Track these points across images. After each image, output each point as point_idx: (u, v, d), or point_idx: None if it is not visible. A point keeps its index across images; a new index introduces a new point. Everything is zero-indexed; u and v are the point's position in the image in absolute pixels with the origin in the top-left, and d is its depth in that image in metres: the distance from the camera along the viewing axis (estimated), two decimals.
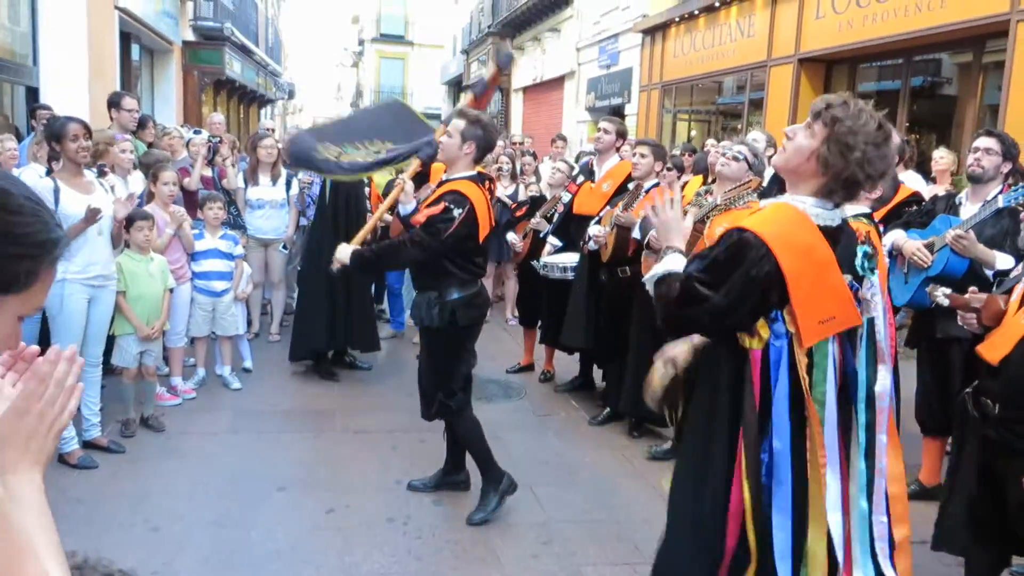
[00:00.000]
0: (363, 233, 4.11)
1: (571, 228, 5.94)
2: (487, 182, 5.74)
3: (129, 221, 4.96)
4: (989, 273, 3.74)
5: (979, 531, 2.87)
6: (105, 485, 4.24)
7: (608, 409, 5.57)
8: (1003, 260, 3.75)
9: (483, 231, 3.89)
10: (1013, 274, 3.09)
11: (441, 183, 3.92)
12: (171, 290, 5.20)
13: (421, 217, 3.77)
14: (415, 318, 4.01)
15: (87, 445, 4.56)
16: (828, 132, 2.17)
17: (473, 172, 3.94)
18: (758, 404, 2.25)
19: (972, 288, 3.03)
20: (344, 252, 3.90)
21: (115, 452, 4.62)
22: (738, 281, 2.16)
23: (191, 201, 6.53)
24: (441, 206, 3.72)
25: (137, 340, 4.92)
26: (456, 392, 4.01)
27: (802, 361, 2.24)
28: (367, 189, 6.40)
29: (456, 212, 3.71)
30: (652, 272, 2.39)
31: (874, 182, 2.23)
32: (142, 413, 5.09)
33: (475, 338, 4.13)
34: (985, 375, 2.85)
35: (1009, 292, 2.88)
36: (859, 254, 2.36)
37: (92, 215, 4.27)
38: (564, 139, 10.11)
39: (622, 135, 5.90)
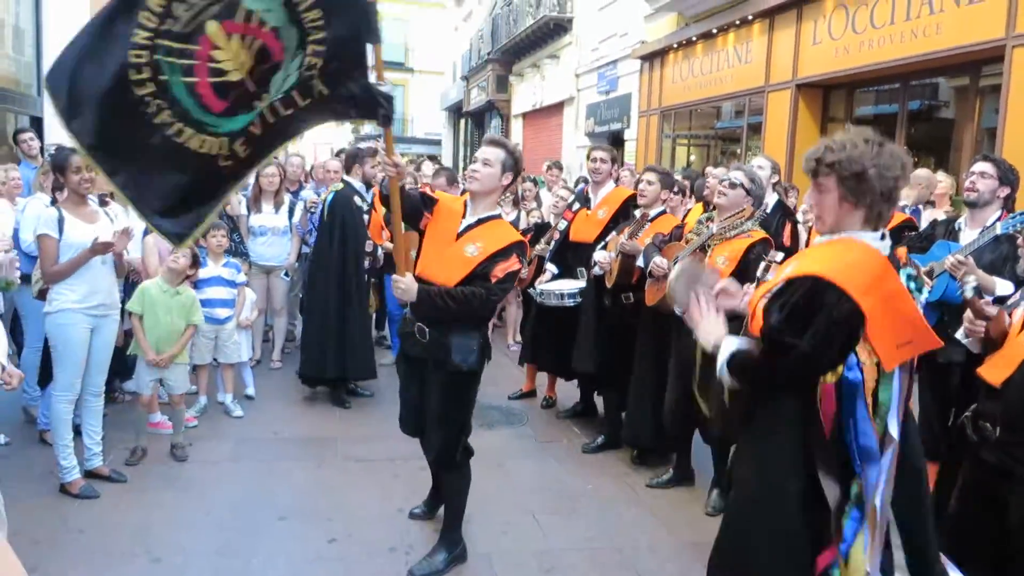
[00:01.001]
0: (401, 263, 3.65)
1: (567, 255, 5.95)
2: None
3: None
4: (988, 300, 3.74)
5: (967, 554, 2.86)
6: (107, 515, 4.23)
7: (603, 437, 5.56)
8: (1003, 286, 3.76)
9: None
10: (1011, 300, 3.11)
11: (483, 220, 3.70)
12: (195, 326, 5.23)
13: (502, 273, 3.55)
14: (459, 362, 3.60)
15: (89, 475, 4.55)
16: (835, 175, 2.29)
17: (500, 209, 3.84)
18: (828, 435, 2.29)
19: (986, 298, 3.05)
20: (410, 290, 3.52)
21: (117, 481, 4.61)
22: (821, 325, 2.20)
23: None
24: (515, 260, 3.58)
25: (149, 366, 4.95)
26: (468, 434, 3.86)
27: (869, 387, 2.31)
28: (366, 216, 6.40)
29: (523, 268, 3.67)
30: (719, 366, 2.41)
31: (904, 180, 2.34)
32: (170, 441, 5.13)
33: None
34: (985, 398, 2.86)
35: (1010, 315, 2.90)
36: (904, 276, 2.46)
37: (102, 249, 4.31)
38: (559, 167, 9.95)
39: (615, 161, 5.95)
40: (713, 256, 4.35)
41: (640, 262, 4.95)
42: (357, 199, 6.27)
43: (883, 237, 2.35)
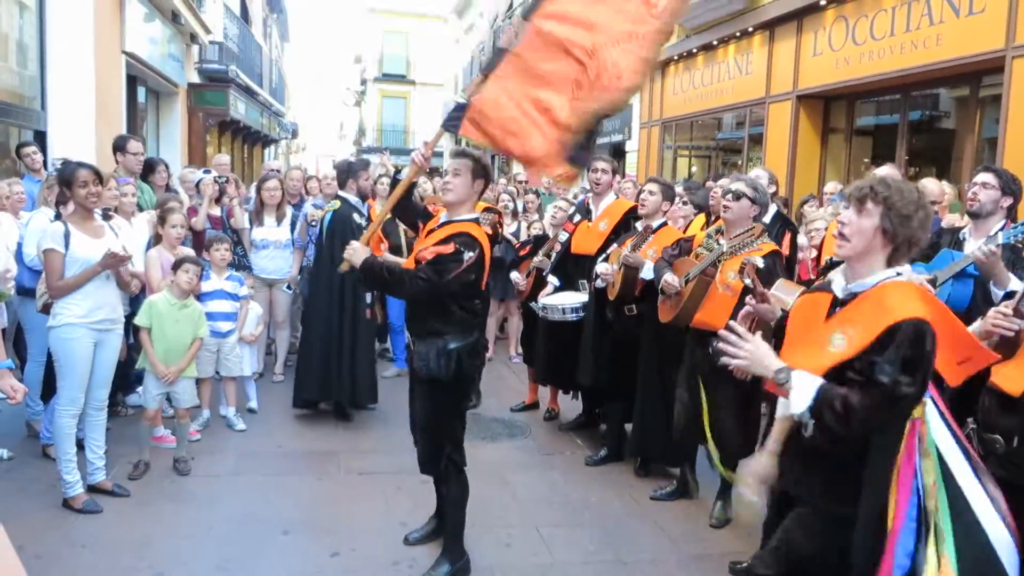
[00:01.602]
0: (369, 232, 3.99)
1: (568, 267, 5.96)
2: (496, 216, 5.79)
3: (178, 263, 5.05)
4: (997, 294, 3.70)
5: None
6: (109, 530, 4.22)
7: (605, 449, 5.54)
8: (1015, 283, 3.74)
9: (486, 276, 3.90)
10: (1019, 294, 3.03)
11: (445, 223, 3.85)
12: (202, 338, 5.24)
13: (429, 254, 3.65)
14: (419, 368, 3.77)
15: (92, 489, 4.54)
16: (884, 208, 2.43)
17: (476, 214, 3.93)
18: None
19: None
20: (358, 255, 3.72)
21: (120, 496, 4.60)
22: (925, 367, 2.34)
23: (198, 241, 6.58)
24: (451, 246, 3.63)
25: (158, 381, 4.95)
26: (459, 446, 3.90)
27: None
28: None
29: (467, 255, 3.65)
30: (797, 406, 2.41)
31: (927, 235, 2.54)
32: (173, 455, 5.12)
33: (476, 386, 4.12)
34: (997, 409, 2.79)
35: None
36: None
37: (113, 262, 4.32)
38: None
39: (615, 172, 5.97)
40: (724, 272, 4.34)
41: (646, 275, 4.94)
42: (356, 216, 6.16)
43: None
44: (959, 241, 4.11)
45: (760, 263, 3.91)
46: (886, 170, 5.62)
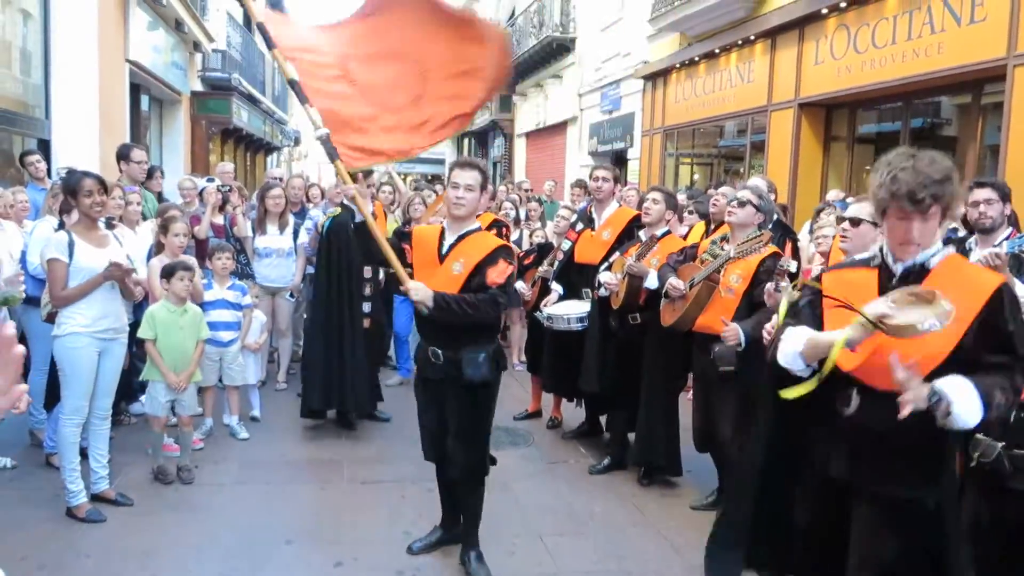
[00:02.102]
0: (399, 271, 3.85)
1: (571, 275, 5.96)
2: (503, 228, 5.78)
3: (170, 272, 5.06)
4: None
5: None
6: (113, 539, 4.21)
7: (609, 458, 5.54)
8: (1020, 288, 3.75)
9: None
10: None
11: (463, 237, 3.83)
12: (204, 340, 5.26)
13: (500, 278, 3.69)
14: (471, 376, 3.74)
15: (95, 498, 4.54)
16: (940, 207, 2.33)
17: (478, 223, 3.98)
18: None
19: None
20: (424, 294, 3.64)
21: (123, 505, 4.60)
22: None
23: (201, 250, 6.59)
24: (504, 264, 3.72)
25: (166, 388, 4.95)
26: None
27: None
28: None
29: (513, 265, 3.78)
30: (972, 420, 2.20)
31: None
32: (177, 463, 5.12)
33: None
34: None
35: None
36: None
37: (117, 274, 4.34)
38: (583, 185, 9.84)
39: (617, 180, 5.98)
40: (727, 274, 4.41)
41: (650, 284, 4.95)
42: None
43: None
44: (966, 251, 4.13)
45: (792, 267, 3.96)
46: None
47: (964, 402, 2.18)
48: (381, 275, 6.60)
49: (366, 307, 6.21)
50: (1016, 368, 2.26)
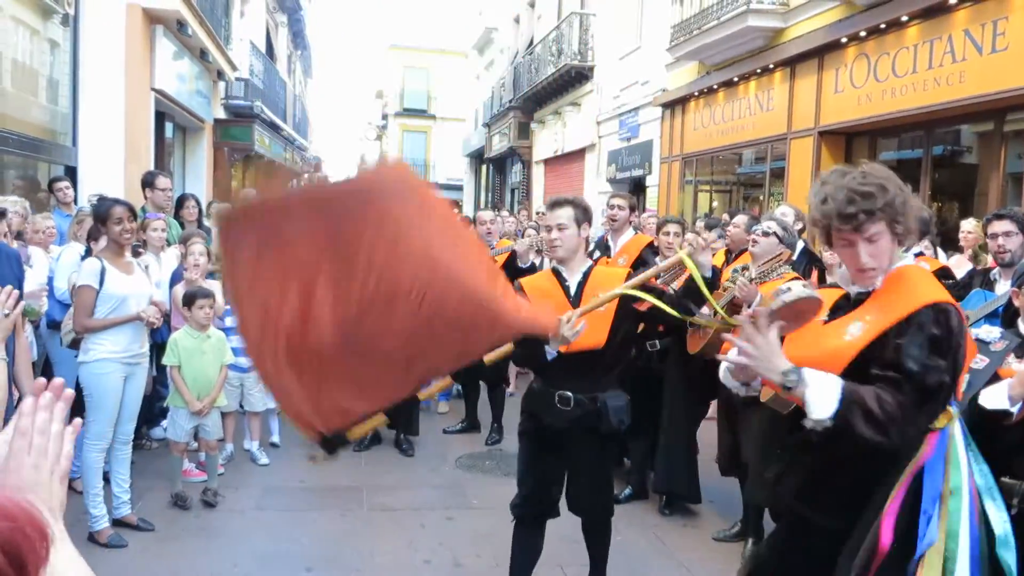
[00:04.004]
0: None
1: None
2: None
3: (191, 299, 5.10)
4: None
5: None
6: (134, 564, 4.22)
7: (630, 488, 5.49)
8: None
9: None
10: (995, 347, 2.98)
11: (587, 274, 3.62)
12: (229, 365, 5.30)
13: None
14: (617, 424, 3.52)
15: (117, 523, 4.56)
16: (886, 219, 2.19)
17: (589, 261, 3.77)
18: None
19: None
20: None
21: (144, 530, 4.61)
22: (955, 352, 2.11)
23: None
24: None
25: (189, 414, 4.98)
26: None
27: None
28: None
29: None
30: (818, 412, 2.07)
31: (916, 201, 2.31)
32: (205, 486, 5.15)
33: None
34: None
35: None
36: None
37: (154, 321, 4.45)
38: None
39: (633, 208, 6.01)
40: None
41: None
42: None
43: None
44: (990, 281, 4.10)
45: (753, 273, 3.99)
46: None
47: (819, 394, 2.07)
48: None
49: None
50: (893, 386, 2.07)
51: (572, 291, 3.59)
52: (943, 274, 4.66)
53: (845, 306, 2.39)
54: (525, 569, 3.78)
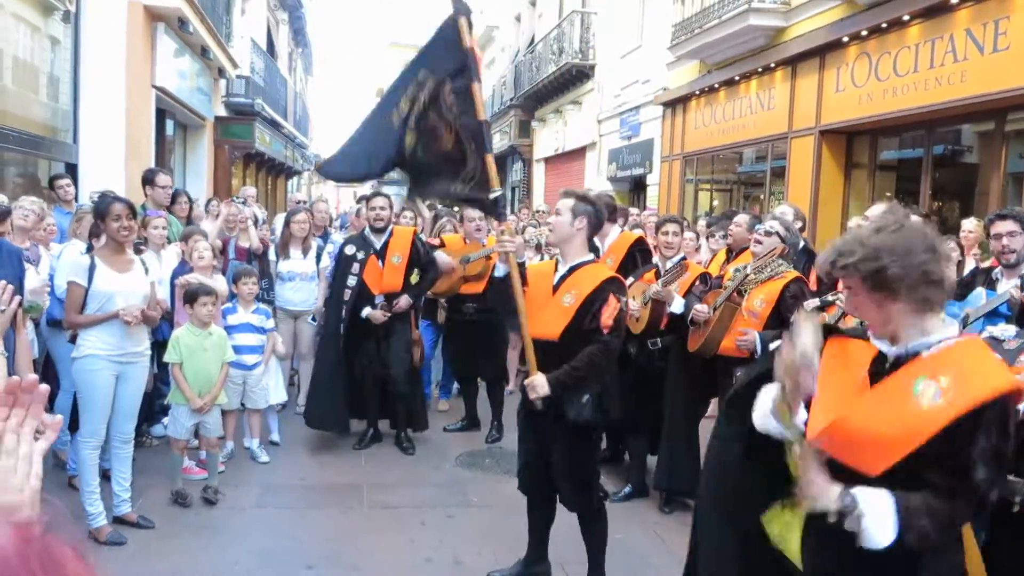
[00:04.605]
0: (533, 359, 3.75)
1: None
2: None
3: (193, 297, 5.10)
4: None
5: None
6: (134, 562, 4.22)
7: (630, 486, 5.50)
8: None
9: None
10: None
11: (572, 270, 3.78)
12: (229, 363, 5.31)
13: (609, 319, 3.60)
14: (574, 417, 3.67)
15: (117, 520, 4.55)
16: (858, 277, 2.07)
17: (591, 255, 3.89)
18: None
19: None
20: (540, 387, 3.62)
21: (144, 528, 4.61)
22: (1009, 448, 1.96)
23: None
24: (614, 301, 3.61)
25: (190, 412, 4.98)
26: (598, 481, 3.97)
27: None
28: (357, 265, 6.32)
29: (623, 301, 3.68)
30: (880, 540, 1.90)
31: (936, 255, 2.04)
32: (206, 483, 5.14)
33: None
34: None
35: None
36: None
37: (131, 321, 4.40)
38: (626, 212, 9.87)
39: (613, 208, 5.98)
40: (751, 299, 4.47)
41: (676, 309, 4.97)
42: (348, 247, 6.27)
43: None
44: (993, 280, 4.10)
45: (832, 299, 4.00)
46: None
47: (877, 519, 1.90)
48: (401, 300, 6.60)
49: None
50: (958, 494, 1.92)
51: (556, 281, 3.80)
52: None
53: (881, 369, 2.14)
54: (538, 530, 4.14)
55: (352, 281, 6.14)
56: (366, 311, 6.08)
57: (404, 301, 6.10)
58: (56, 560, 0.84)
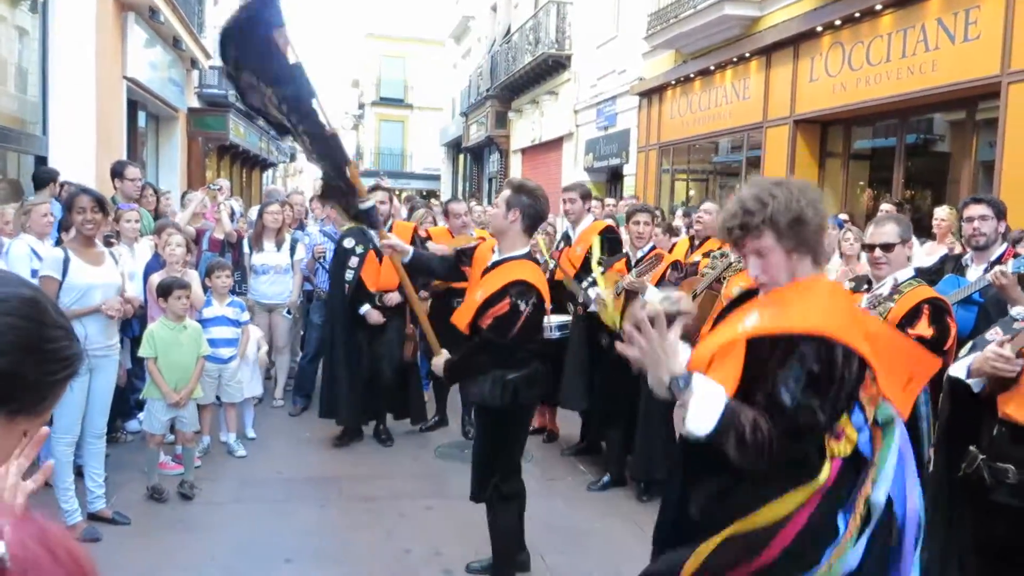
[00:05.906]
0: (434, 339, 3.90)
1: (557, 292, 5.96)
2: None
3: (167, 290, 5.03)
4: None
5: None
6: (110, 559, 4.16)
7: (608, 476, 5.52)
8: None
9: (547, 311, 3.83)
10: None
11: (495, 264, 3.73)
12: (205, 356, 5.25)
13: (488, 319, 3.53)
14: (472, 396, 3.79)
15: (92, 517, 4.50)
16: (773, 231, 2.12)
17: (527, 248, 3.79)
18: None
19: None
20: (438, 365, 3.74)
21: (120, 524, 4.56)
22: (836, 390, 2.02)
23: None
24: (506, 304, 3.49)
25: (166, 406, 4.92)
26: (511, 475, 3.85)
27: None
28: (356, 259, 6.27)
29: (523, 306, 3.50)
30: (696, 426, 2.01)
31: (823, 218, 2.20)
32: (181, 478, 5.10)
33: (532, 417, 4.10)
34: (1007, 441, 2.71)
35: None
36: None
37: (112, 314, 4.36)
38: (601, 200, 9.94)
39: (587, 197, 6.00)
40: (730, 285, 4.48)
41: (650, 298, 4.98)
42: (346, 241, 6.19)
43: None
44: (962, 267, 4.15)
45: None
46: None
47: (700, 407, 2.00)
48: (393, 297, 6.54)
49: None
50: (773, 415, 2.00)
51: (484, 271, 3.79)
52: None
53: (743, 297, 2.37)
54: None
55: (349, 275, 6.08)
56: (364, 308, 6.05)
57: (395, 295, 6.02)
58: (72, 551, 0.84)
